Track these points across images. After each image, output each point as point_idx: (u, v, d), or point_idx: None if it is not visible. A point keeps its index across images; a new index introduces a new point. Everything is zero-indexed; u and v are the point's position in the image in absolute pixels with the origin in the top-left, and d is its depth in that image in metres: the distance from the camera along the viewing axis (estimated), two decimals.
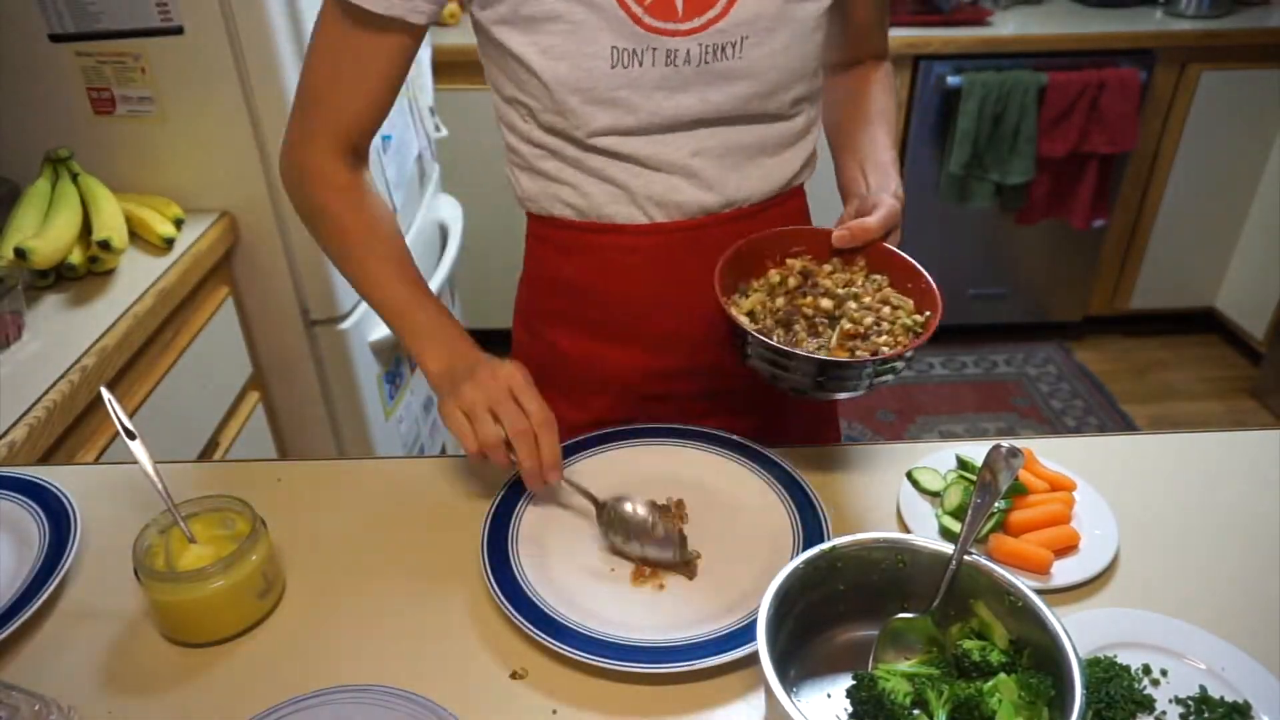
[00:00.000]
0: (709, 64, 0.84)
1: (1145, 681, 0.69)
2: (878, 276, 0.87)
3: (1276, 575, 0.78)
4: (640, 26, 0.81)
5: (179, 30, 1.39)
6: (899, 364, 0.79)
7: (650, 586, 0.78)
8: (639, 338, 0.96)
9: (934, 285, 0.84)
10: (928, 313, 0.84)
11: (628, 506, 0.81)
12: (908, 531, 0.82)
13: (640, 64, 0.82)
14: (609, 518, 0.81)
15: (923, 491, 0.86)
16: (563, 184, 0.92)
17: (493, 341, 0.95)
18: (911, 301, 0.85)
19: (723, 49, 0.83)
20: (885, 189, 0.90)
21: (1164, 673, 0.69)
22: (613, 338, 0.97)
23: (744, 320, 0.82)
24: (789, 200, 0.98)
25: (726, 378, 0.96)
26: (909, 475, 0.88)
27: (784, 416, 1.04)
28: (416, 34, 0.86)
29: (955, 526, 0.81)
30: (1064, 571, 0.77)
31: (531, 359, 1.03)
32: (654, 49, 0.82)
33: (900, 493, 0.86)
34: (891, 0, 0.90)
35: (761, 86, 0.87)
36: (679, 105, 0.85)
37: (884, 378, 0.80)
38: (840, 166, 0.99)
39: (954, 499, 0.84)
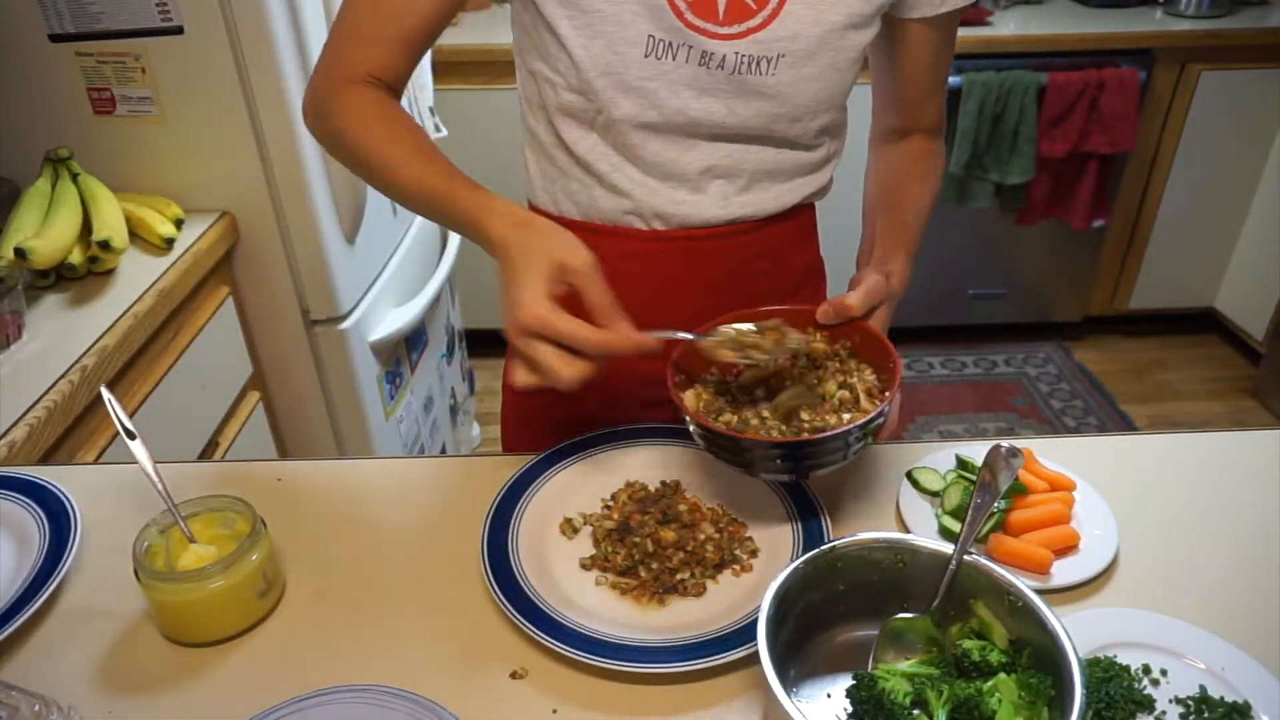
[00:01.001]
0: (741, 74, 0.84)
1: (1145, 681, 0.69)
2: (837, 362, 0.84)
3: (1276, 575, 0.78)
4: (680, 20, 0.81)
5: (179, 30, 1.39)
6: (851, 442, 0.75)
7: (653, 604, 0.77)
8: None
9: (899, 366, 0.79)
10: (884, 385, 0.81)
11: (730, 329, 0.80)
12: (907, 532, 0.82)
13: (674, 58, 0.82)
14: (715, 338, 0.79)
15: (923, 491, 0.86)
16: (570, 179, 0.92)
17: (493, 341, 0.95)
18: (870, 372, 0.83)
19: (757, 63, 0.83)
20: (881, 266, 0.87)
21: (1164, 672, 0.69)
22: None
23: (687, 405, 0.79)
24: (795, 216, 0.98)
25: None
26: (909, 475, 0.88)
27: None
28: None
29: (955, 526, 0.81)
30: (1064, 571, 0.77)
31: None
32: (689, 46, 0.82)
33: (900, 492, 0.86)
34: None
35: (789, 109, 0.86)
36: (705, 109, 0.85)
37: (857, 447, 0.76)
38: (863, 238, 0.98)
39: (954, 499, 0.84)
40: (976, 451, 0.88)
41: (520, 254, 0.73)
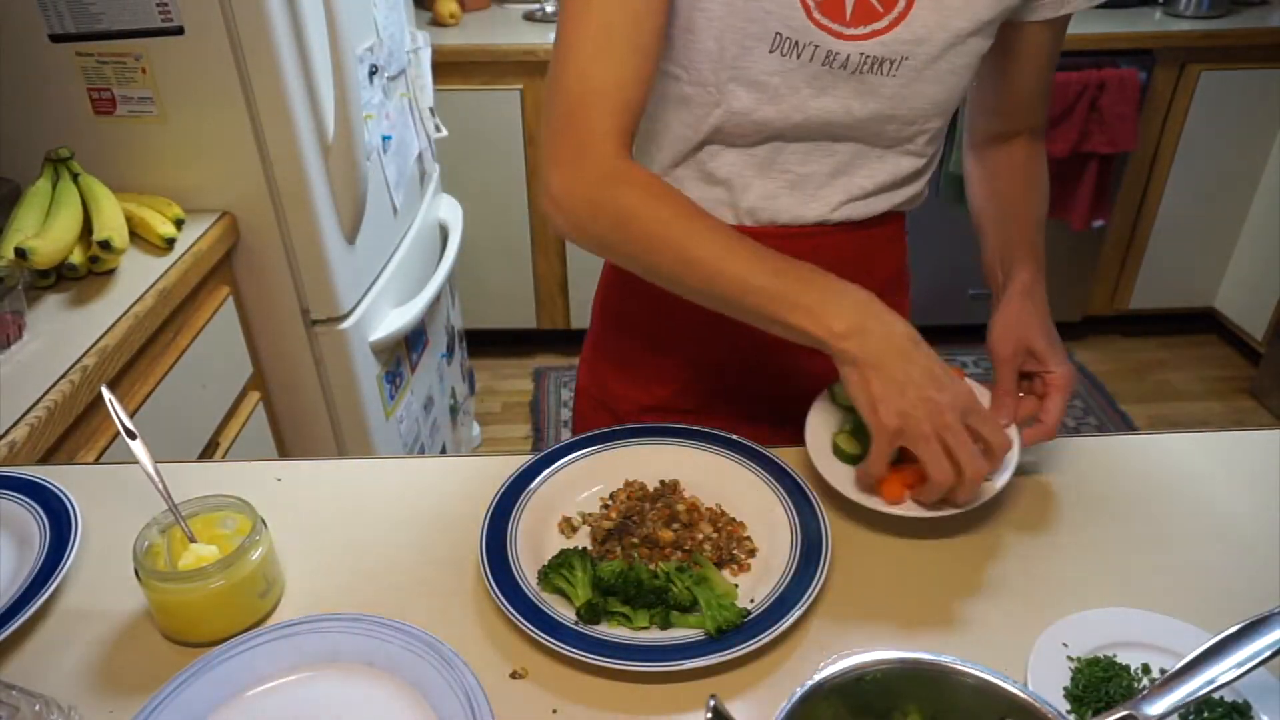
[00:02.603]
0: (862, 75, 0.83)
1: (1145, 681, 0.69)
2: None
3: (1276, 575, 0.78)
4: (810, 19, 0.80)
5: (179, 30, 1.39)
6: None
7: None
8: (709, 329, 0.95)
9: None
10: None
11: None
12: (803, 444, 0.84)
13: (798, 57, 0.82)
14: None
15: (839, 405, 0.87)
16: (669, 177, 0.92)
17: (494, 341, 0.95)
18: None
19: (880, 64, 0.83)
20: (1059, 359, 0.87)
21: (1163, 672, 0.69)
22: (686, 324, 0.98)
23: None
24: (887, 223, 0.98)
25: (790, 373, 0.97)
26: (830, 389, 0.88)
27: None
28: None
29: (848, 446, 0.83)
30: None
31: (606, 338, 1.08)
32: (815, 45, 0.82)
33: (813, 404, 0.88)
34: None
35: (904, 112, 0.86)
36: (823, 108, 0.85)
37: None
38: (985, 250, 0.97)
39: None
40: None
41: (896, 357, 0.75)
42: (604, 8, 0.77)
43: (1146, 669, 0.69)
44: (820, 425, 0.87)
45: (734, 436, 0.91)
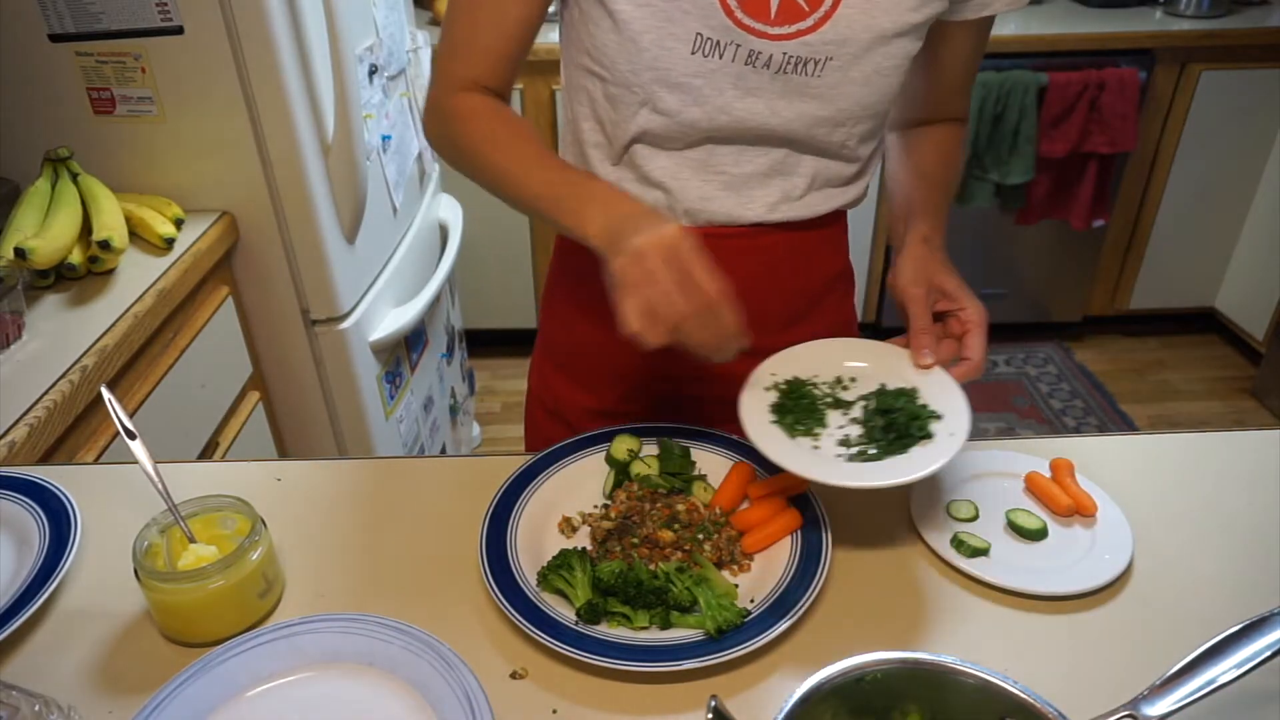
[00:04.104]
0: (787, 75, 0.83)
1: (838, 389, 0.85)
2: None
3: (1276, 575, 0.78)
4: (730, 19, 0.81)
5: (179, 30, 1.39)
6: None
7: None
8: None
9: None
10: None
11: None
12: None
13: (720, 57, 0.82)
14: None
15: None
16: (609, 179, 0.92)
17: (494, 341, 0.95)
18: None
19: (804, 64, 0.83)
20: (969, 297, 0.86)
21: (853, 380, 0.86)
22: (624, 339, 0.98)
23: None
24: (827, 224, 0.98)
25: (727, 380, 0.96)
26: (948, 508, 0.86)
27: None
28: None
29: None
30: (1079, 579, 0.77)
31: (553, 342, 1.07)
32: (737, 45, 0.82)
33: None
34: None
35: (831, 113, 0.87)
36: (748, 109, 0.85)
37: None
38: (896, 211, 0.98)
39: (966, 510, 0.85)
40: (982, 462, 0.89)
41: (626, 228, 0.73)
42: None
43: (839, 380, 0.85)
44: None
45: (734, 436, 0.91)
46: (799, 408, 0.84)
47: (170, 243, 1.42)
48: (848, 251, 1.06)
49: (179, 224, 1.46)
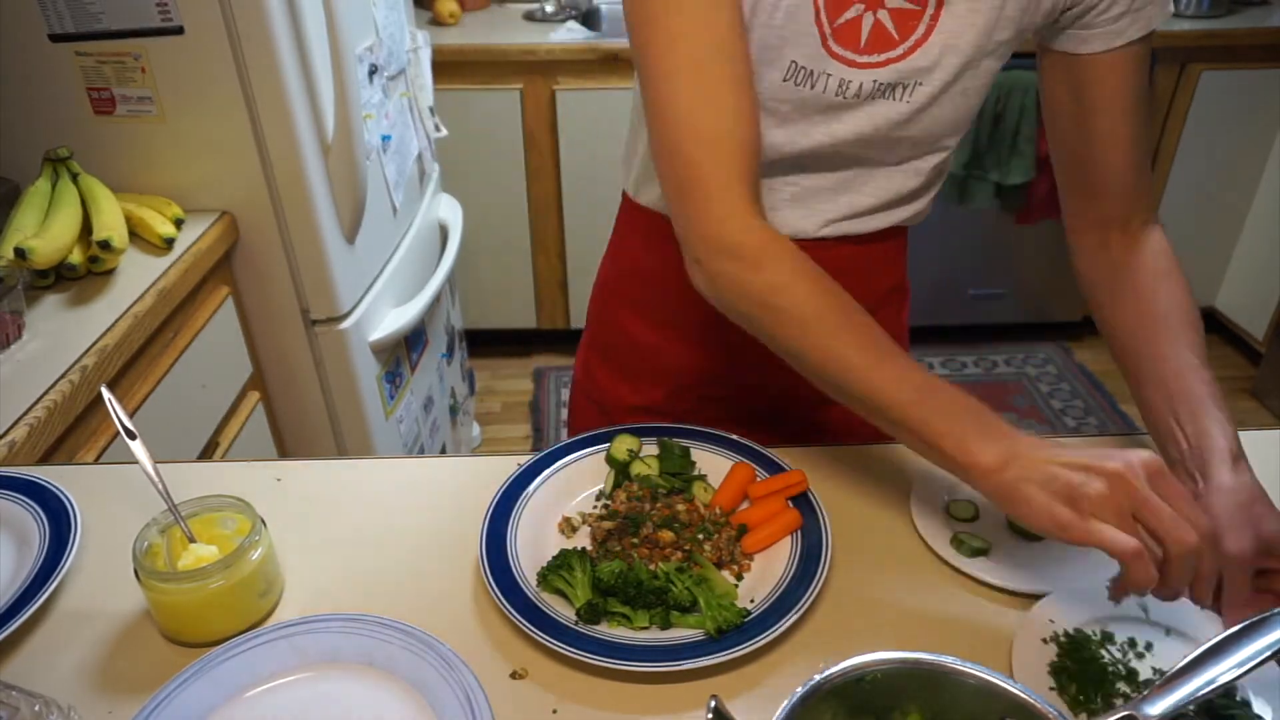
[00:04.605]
0: (874, 101, 0.82)
1: (1130, 655, 0.70)
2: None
3: None
4: (824, 48, 0.79)
5: (179, 30, 1.39)
6: None
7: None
8: (705, 342, 0.97)
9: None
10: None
11: None
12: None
13: (812, 87, 0.81)
14: None
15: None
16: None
17: (495, 340, 0.95)
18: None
19: (893, 89, 0.82)
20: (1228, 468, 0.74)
21: (1149, 646, 0.70)
22: (681, 336, 0.99)
23: None
24: (888, 239, 0.97)
25: (787, 398, 0.97)
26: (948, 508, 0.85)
27: (841, 440, 0.99)
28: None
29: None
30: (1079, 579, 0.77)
31: (601, 337, 1.08)
32: (829, 74, 0.80)
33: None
34: None
35: (915, 133, 0.85)
36: (831, 133, 0.84)
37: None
38: (1148, 407, 0.88)
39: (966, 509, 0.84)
40: None
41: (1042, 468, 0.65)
42: (690, 42, 0.72)
43: (1133, 642, 0.71)
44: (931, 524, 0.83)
45: (734, 436, 0.91)
46: (1084, 675, 0.68)
47: (170, 243, 1.42)
48: (906, 266, 1.05)
49: (179, 224, 1.46)
